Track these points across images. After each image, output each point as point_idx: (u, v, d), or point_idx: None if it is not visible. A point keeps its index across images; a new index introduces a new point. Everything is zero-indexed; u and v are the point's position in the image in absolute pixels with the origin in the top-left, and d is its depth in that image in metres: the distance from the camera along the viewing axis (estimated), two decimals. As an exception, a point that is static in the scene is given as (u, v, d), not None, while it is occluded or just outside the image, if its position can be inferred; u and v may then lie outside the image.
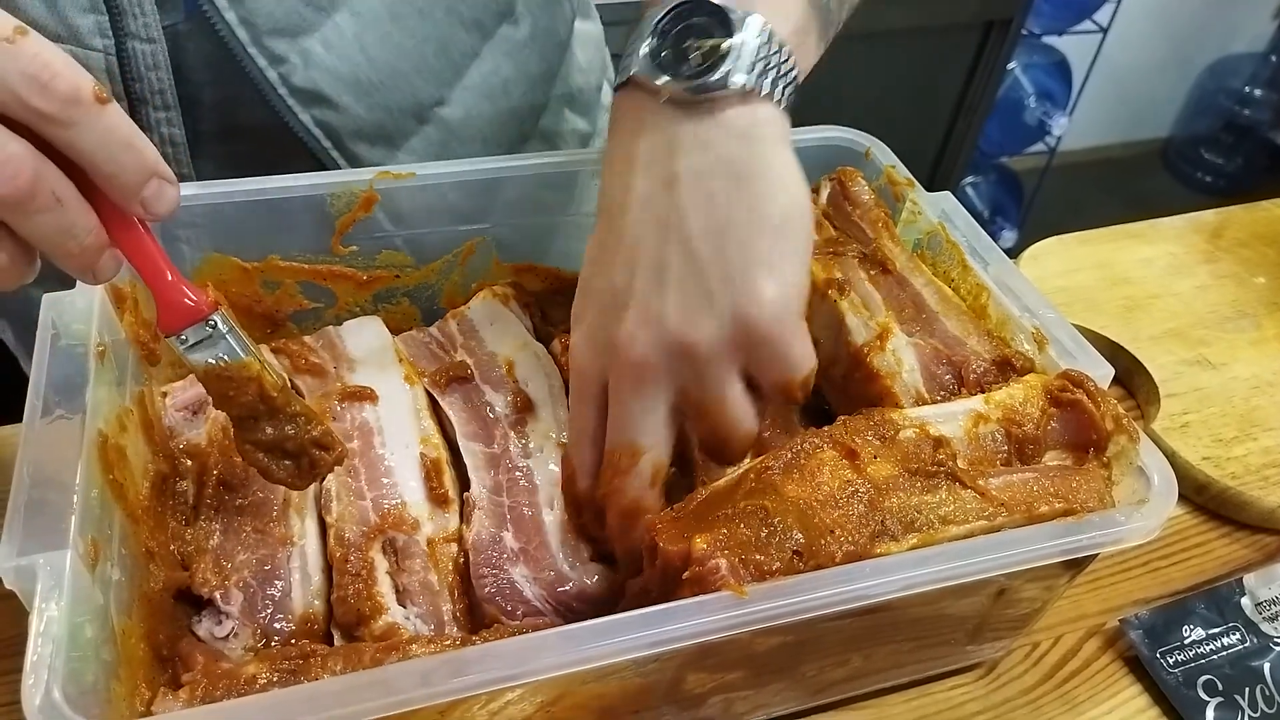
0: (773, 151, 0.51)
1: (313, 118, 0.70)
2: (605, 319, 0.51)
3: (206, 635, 0.53)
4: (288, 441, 0.53)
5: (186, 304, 0.48)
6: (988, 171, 2.65)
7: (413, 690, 0.41)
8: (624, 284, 0.51)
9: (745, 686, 0.55)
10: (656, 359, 0.49)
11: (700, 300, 0.49)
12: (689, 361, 0.49)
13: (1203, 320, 0.90)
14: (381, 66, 0.71)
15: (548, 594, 0.55)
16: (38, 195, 0.40)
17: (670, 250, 0.50)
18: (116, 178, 0.42)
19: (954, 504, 0.50)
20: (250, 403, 0.51)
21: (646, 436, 0.51)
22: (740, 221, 0.49)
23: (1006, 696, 0.63)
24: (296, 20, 0.66)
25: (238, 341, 0.50)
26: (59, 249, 0.42)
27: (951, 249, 0.68)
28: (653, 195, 0.51)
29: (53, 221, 0.41)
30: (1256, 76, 2.93)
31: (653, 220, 0.50)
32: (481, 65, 0.77)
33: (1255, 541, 0.75)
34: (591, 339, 0.52)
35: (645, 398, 0.50)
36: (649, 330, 0.49)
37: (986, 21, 1.96)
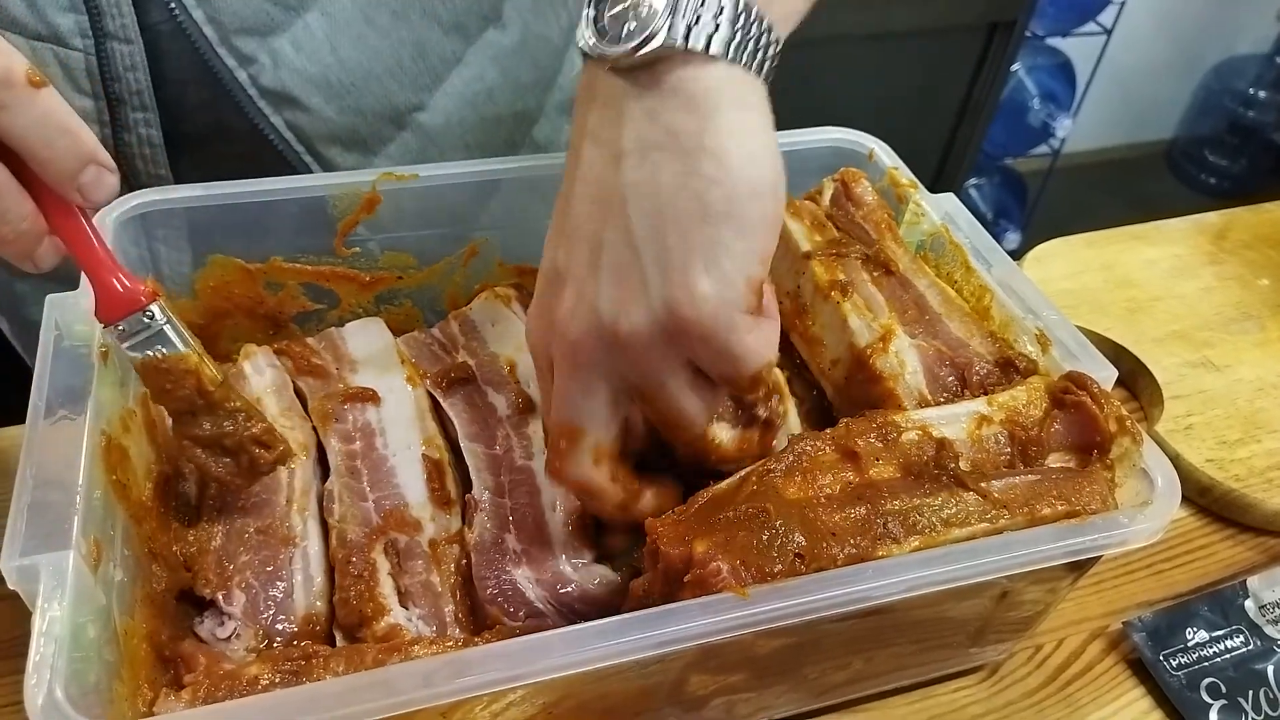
0: (727, 122, 0.45)
1: (284, 120, 0.69)
2: (548, 296, 0.49)
3: (209, 636, 0.53)
4: (226, 438, 0.51)
5: (123, 294, 0.47)
6: (991, 173, 2.65)
7: (415, 691, 0.41)
8: (564, 262, 0.48)
9: (747, 688, 0.55)
10: (591, 343, 0.47)
11: (634, 288, 0.46)
12: (623, 350, 0.47)
13: (1207, 322, 0.90)
14: (353, 68, 0.69)
15: (550, 595, 0.55)
16: None
17: (609, 232, 0.47)
18: (52, 163, 0.41)
19: (956, 506, 0.50)
20: (188, 397, 0.50)
21: (585, 419, 0.49)
22: (683, 206, 0.45)
23: (1009, 699, 0.63)
24: (264, 19, 0.65)
25: (176, 334, 0.49)
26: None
27: (955, 250, 0.68)
28: (599, 171, 0.47)
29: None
30: (1261, 78, 2.93)
31: (596, 198, 0.47)
32: (464, 71, 0.74)
33: (1259, 544, 0.74)
34: (538, 315, 0.51)
35: (582, 380, 0.49)
36: (583, 313, 0.47)
37: (990, 23, 1.95)
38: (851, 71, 1.82)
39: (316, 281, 0.69)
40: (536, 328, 0.51)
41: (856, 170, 0.71)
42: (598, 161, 0.47)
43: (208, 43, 0.64)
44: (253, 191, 0.64)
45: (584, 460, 0.50)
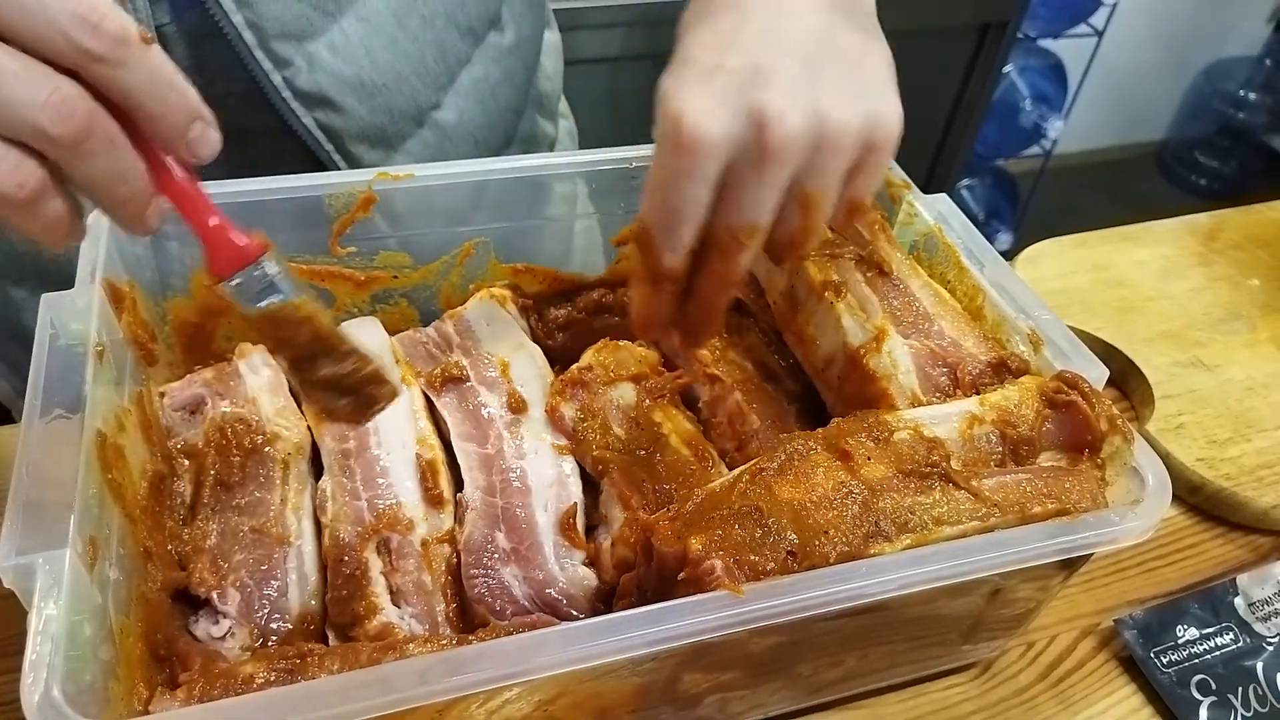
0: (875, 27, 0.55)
1: (315, 120, 0.70)
2: (746, 89, 0.49)
3: (204, 635, 0.53)
4: (345, 379, 0.51)
5: (236, 248, 0.47)
6: (984, 174, 2.65)
7: (411, 689, 0.41)
8: (770, 64, 0.49)
9: (741, 686, 0.55)
10: (803, 137, 0.49)
11: (854, 93, 0.51)
12: (826, 147, 0.50)
13: (1197, 322, 0.90)
14: (385, 70, 0.71)
15: (536, 594, 0.55)
16: (93, 134, 0.39)
17: (825, 54, 0.51)
18: (164, 119, 0.41)
19: (947, 505, 0.50)
20: (306, 343, 0.50)
21: (768, 216, 0.51)
22: (879, 56, 0.54)
23: (1001, 696, 0.64)
24: (304, 24, 0.67)
25: (289, 282, 0.49)
26: (111, 194, 0.42)
27: (948, 251, 0.68)
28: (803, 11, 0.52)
29: (107, 164, 0.40)
30: (1251, 80, 2.94)
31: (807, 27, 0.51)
32: (472, 70, 0.78)
33: (1249, 542, 0.75)
34: (727, 108, 0.49)
35: (780, 178, 0.50)
36: (802, 107, 0.49)
37: (982, 24, 1.96)
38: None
39: (312, 281, 0.69)
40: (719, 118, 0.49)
41: (850, 171, 0.71)
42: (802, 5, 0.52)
43: (246, 46, 0.65)
44: (249, 190, 0.64)
45: (750, 257, 0.52)
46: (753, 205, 0.50)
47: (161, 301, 0.65)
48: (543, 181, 0.71)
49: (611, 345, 0.66)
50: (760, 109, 0.48)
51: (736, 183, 0.50)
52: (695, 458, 0.60)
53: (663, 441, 0.61)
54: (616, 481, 0.59)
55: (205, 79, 0.67)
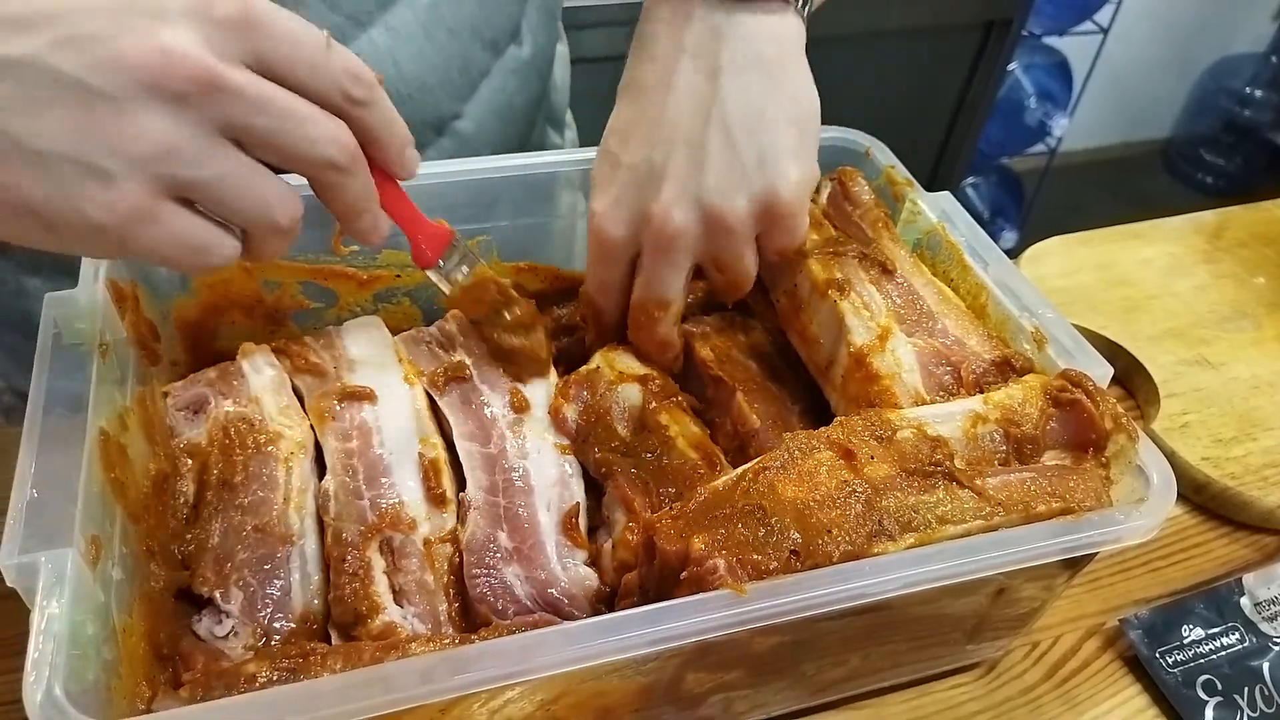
0: (797, 56, 0.59)
1: None
2: (639, 192, 0.58)
3: (206, 634, 0.53)
4: (523, 319, 0.63)
5: (437, 238, 0.58)
6: (988, 172, 2.65)
7: (413, 688, 0.41)
8: (661, 161, 0.57)
9: (745, 686, 0.55)
10: (691, 229, 0.57)
11: (737, 179, 0.57)
12: (720, 231, 0.58)
13: (1202, 320, 0.90)
14: (411, 80, 0.73)
15: (538, 594, 0.55)
16: (357, 159, 0.47)
17: (711, 133, 0.57)
18: (390, 145, 0.50)
19: (951, 504, 0.50)
20: (493, 299, 0.62)
21: (674, 292, 0.61)
22: (773, 113, 0.57)
23: (1006, 696, 0.63)
24: (336, 34, 0.67)
25: (472, 253, 0.60)
26: (357, 207, 0.49)
27: (951, 249, 0.68)
28: (696, 82, 0.57)
29: (363, 184, 0.48)
30: (1257, 77, 2.93)
31: (695, 105, 0.57)
32: (491, 82, 0.80)
33: (1254, 541, 0.75)
34: (623, 209, 0.59)
35: (676, 262, 0.59)
36: (686, 204, 0.57)
37: (987, 22, 1.96)
38: (848, 70, 1.83)
39: (315, 280, 0.69)
40: (618, 219, 0.59)
41: (853, 169, 0.71)
42: (697, 76, 0.57)
43: None
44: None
45: (668, 324, 0.63)
46: (658, 284, 0.60)
47: (165, 300, 0.65)
48: (545, 181, 0.71)
49: (620, 348, 0.66)
50: (648, 211, 0.58)
51: (644, 266, 0.61)
52: (702, 460, 0.60)
53: (669, 444, 0.61)
54: (620, 484, 0.58)
55: None
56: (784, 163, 0.57)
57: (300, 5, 0.65)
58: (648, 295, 0.61)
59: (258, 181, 0.44)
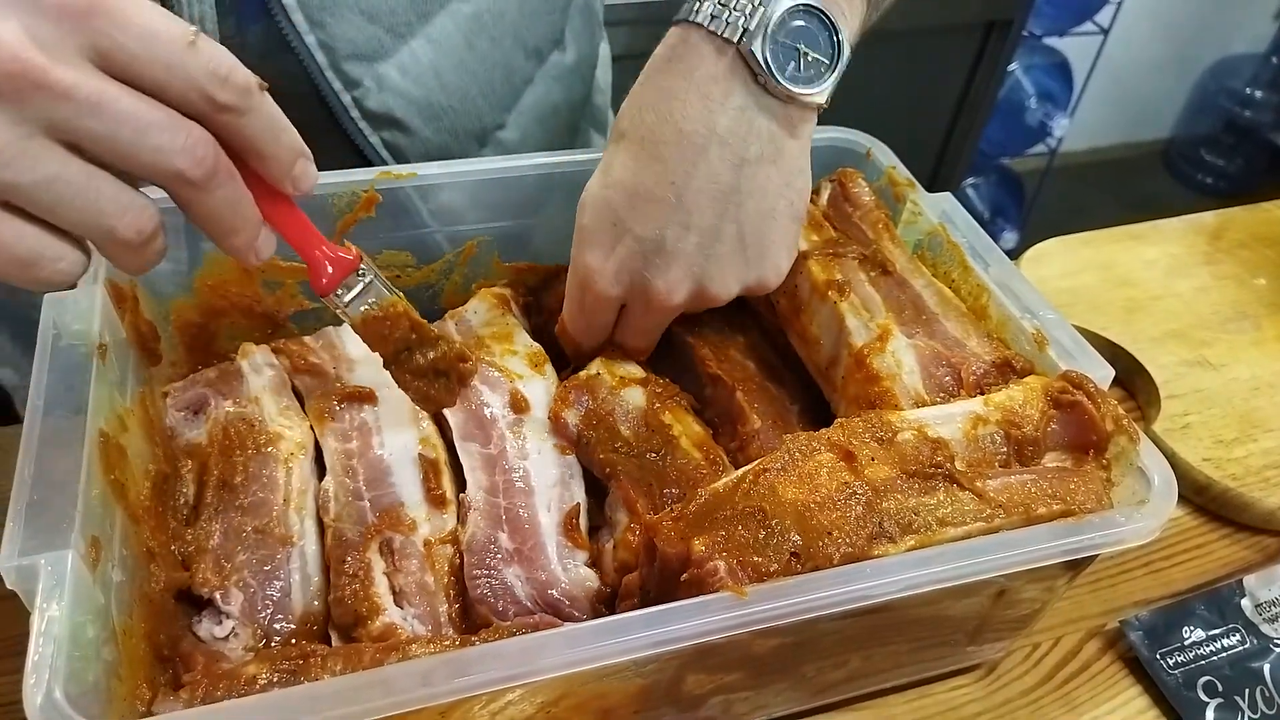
0: (804, 149, 0.61)
1: (382, 140, 0.72)
2: (645, 262, 0.59)
3: (207, 635, 0.53)
4: (439, 362, 0.58)
5: (337, 264, 0.52)
6: (989, 173, 2.65)
7: (414, 690, 0.41)
8: (674, 242, 0.58)
9: (745, 687, 0.55)
10: (688, 303, 0.61)
11: (738, 269, 0.60)
12: (701, 304, 0.62)
13: (1204, 321, 0.90)
14: (453, 92, 0.73)
15: (538, 594, 0.55)
16: (219, 171, 0.43)
17: (725, 225, 0.58)
18: (275, 158, 0.45)
19: (952, 506, 0.50)
20: (403, 336, 0.56)
21: (654, 341, 0.65)
22: (781, 209, 0.60)
23: (1007, 697, 0.63)
24: (375, 46, 0.68)
25: (383, 284, 0.54)
26: (227, 224, 0.45)
27: (952, 250, 0.68)
28: (722, 173, 0.57)
29: (228, 196, 0.44)
30: (1257, 78, 2.93)
31: (716, 195, 0.58)
32: (535, 90, 0.80)
33: (1255, 543, 0.75)
34: (625, 274, 0.60)
35: (662, 324, 0.64)
36: (689, 285, 0.60)
37: (987, 22, 1.96)
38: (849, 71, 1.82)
39: (314, 281, 0.69)
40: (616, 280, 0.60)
41: (853, 170, 0.71)
42: (722, 165, 0.57)
43: (318, 66, 0.67)
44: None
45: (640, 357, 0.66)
46: (642, 337, 0.64)
47: (164, 301, 0.65)
48: (549, 180, 0.71)
49: (618, 354, 0.66)
50: (651, 284, 0.59)
51: (631, 321, 0.63)
52: (705, 460, 0.60)
53: (673, 444, 0.61)
54: (623, 485, 0.58)
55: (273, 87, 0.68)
56: (780, 256, 0.61)
57: (337, 19, 0.66)
58: (630, 343, 0.65)
59: (92, 188, 0.40)
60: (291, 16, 0.65)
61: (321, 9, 0.65)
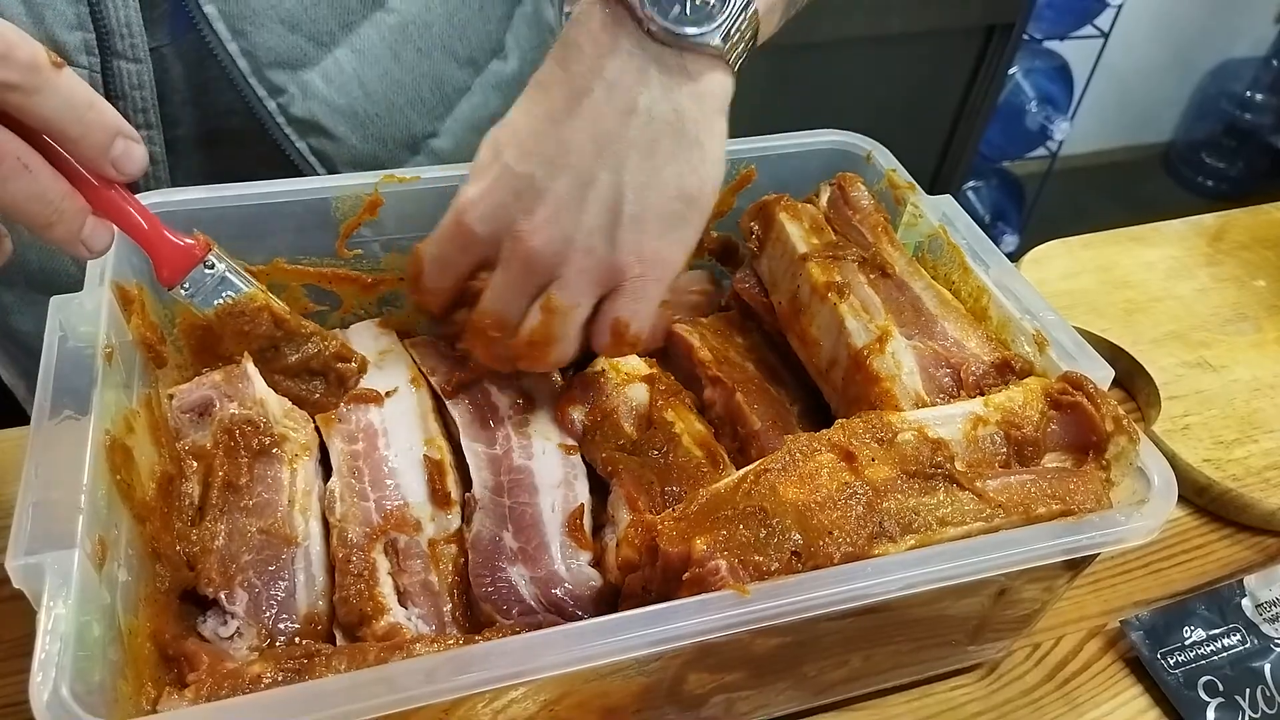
0: (715, 120, 0.56)
1: (309, 146, 0.72)
2: (515, 203, 0.55)
3: (211, 635, 0.53)
4: (312, 360, 0.54)
5: (180, 253, 0.48)
6: (989, 176, 2.65)
7: (417, 688, 0.42)
8: (543, 180, 0.54)
9: (747, 686, 0.55)
10: (549, 256, 0.55)
11: (607, 226, 0.54)
12: (571, 268, 0.55)
13: (1204, 323, 0.90)
14: (379, 100, 0.73)
15: (542, 593, 0.56)
16: (3, 161, 0.40)
17: (603, 173, 0.54)
18: (84, 139, 0.42)
19: (952, 506, 0.50)
20: (266, 332, 0.52)
21: (513, 314, 0.58)
22: (667, 178, 0.55)
23: (1008, 697, 0.64)
24: (298, 54, 0.69)
25: (238, 276, 0.50)
26: (38, 218, 0.43)
27: (952, 252, 0.68)
28: (608, 118, 0.54)
29: (24, 189, 0.41)
30: (1258, 81, 2.93)
31: (597, 139, 0.54)
32: (471, 98, 0.79)
33: (1256, 543, 0.75)
34: (495, 211, 0.56)
35: (524, 283, 0.56)
36: (555, 230, 0.54)
37: (988, 26, 1.96)
38: (850, 74, 1.83)
39: (319, 283, 0.69)
40: (484, 217, 0.56)
41: (853, 174, 0.71)
42: (608, 109, 0.54)
43: (240, 74, 0.67)
44: (256, 194, 0.64)
45: (502, 347, 0.59)
46: (500, 302, 0.57)
47: (170, 303, 0.65)
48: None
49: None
50: (515, 226, 0.55)
51: (493, 280, 0.57)
52: (706, 458, 0.60)
53: (675, 442, 0.61)
54: (625, 483, 0.59)
55: (205, 100, 0.69)
56: (655, 230, 0.55)
57: (259, 28, 0.66)
58: (489, 310, 0.58)
59: None
60: (214, 26, 0.65)
61: (242, 19, 0.66)
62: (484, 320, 0.58)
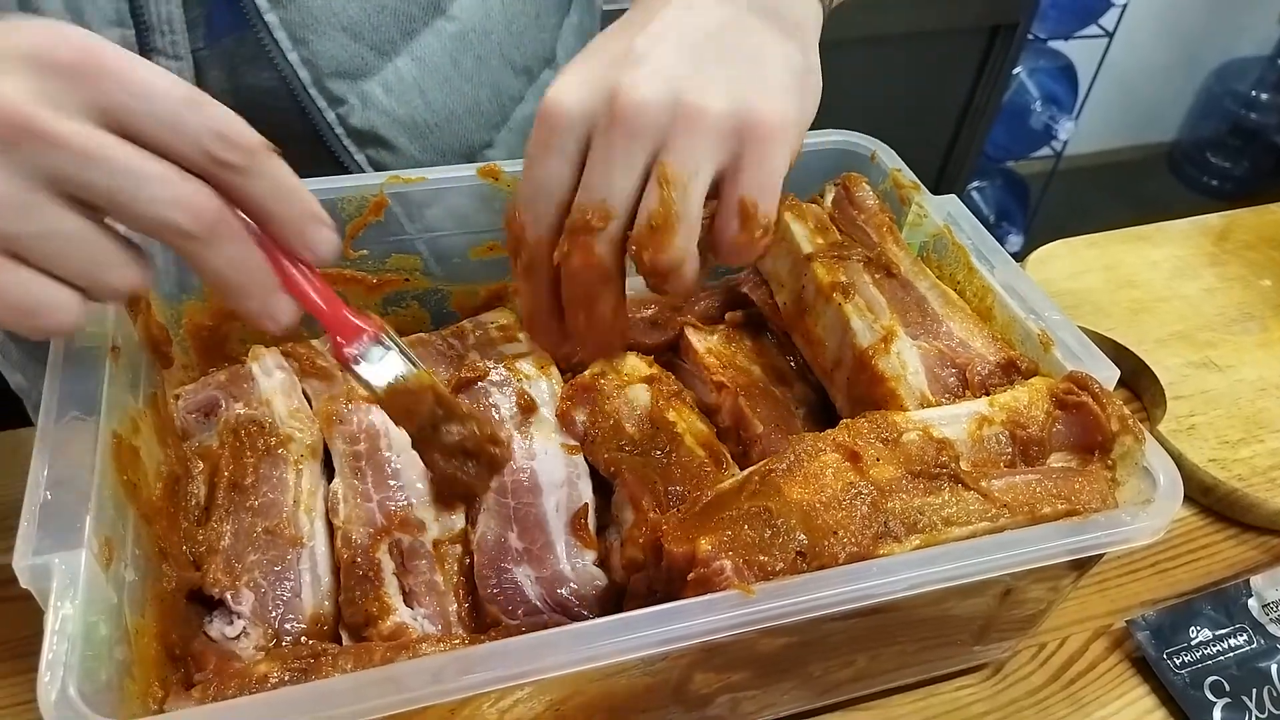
0: (813, 34, 0.55)
1: (367, 157, 0.72)
2: (611, 69, 0.49)
3: (218, 635, 0.53)
4: (468, 441, 0.54)
5: (357, 332, 0.50)
6: (994, 176, 2.65)
7: (423, 688, 0.42)
8: (644, 48, 0.49)
9: (752, 686, 0.55)
10: (656, 108, 0.47)
11: (720, 79, 0.48)
12: (682, 125, 0.48)
13: (1209, 323, 0.90)
14: (439, 110, 0.73)
15: (548, 594, 0.56)
16: (219, 226, 0.43)
17: (705, 42, 0.49)
18: (285, 221, 0.45)
19: (957, 505, 0.50)
20: (429, 411, 0.53)
21: (618, 196, 0.49)
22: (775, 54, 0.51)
23: (1013, 697, 0.63)
24: (359, 64, 0.68)
25: (408, 357, 0.52)
26: (239, 285, 0.45)
27: (957, 252, 0.68)
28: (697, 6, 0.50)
29: (234, 255, 0.44)
30: (1263, 80, 2.93)
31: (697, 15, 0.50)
32: (524, 108, 0.79)
33: (1262, 543, 0.75)
34: (587, 83, 0.49)
35: (631, 152, 0.48)
36: (660, 82, 0.48)
37: (993, 26, 1.96)
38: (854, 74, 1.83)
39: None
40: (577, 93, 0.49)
41: (857, 174, 0.72)
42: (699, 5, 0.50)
43: (301, 83, 0.67)
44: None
45: (610, 241, 0.50)
46: (602, 180, 0.49)
47: (176, 305, 0.66)
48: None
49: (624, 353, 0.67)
50: (616, 83, 0.48)
51: (590, 159, 0.49)
52: (709, 458, 0.60)
53: (677, 441, 0.61)
54: (628, 483, 0.59)
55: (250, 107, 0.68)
56: (778, 96, 0.49)
57: (321, 37, 0.66)
58: (589, 194, 0.49)
59: (89, 241, 0.42)
60: (274, 34, 0.65)
61: (304, 26, 0.65)
62: (583, 216, 0.49)
